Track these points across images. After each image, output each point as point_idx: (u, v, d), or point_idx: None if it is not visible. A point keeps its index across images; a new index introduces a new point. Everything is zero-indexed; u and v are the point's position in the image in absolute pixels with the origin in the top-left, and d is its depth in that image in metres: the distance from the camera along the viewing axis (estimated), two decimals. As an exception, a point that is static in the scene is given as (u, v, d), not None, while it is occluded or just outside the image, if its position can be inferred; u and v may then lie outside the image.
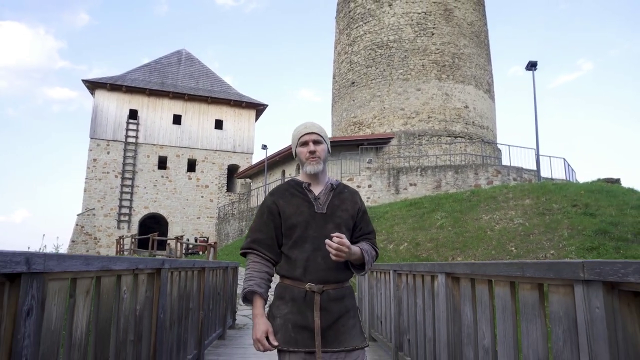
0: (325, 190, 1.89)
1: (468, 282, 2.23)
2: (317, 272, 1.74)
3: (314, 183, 1.90)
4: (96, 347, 1.86)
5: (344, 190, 1.94)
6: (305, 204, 1.84)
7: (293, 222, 1.81)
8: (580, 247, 8.41)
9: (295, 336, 1.70)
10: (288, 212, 1.83)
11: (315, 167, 1.86)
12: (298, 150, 1.91)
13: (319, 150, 1.87)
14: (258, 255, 1.82)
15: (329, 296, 1.74)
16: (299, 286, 1.75)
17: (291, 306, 1.74)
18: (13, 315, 1.29)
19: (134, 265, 2.20)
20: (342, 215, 1.84)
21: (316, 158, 1.86)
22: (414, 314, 3.30)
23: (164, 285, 2.71)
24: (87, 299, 1.76)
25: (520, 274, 1.57)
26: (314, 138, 1.88)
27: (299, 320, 1.71)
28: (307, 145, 1.88)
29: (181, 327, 3.36)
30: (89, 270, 1.69)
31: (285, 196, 1.87)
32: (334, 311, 1.74)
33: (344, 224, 1.83)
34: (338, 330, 1.73)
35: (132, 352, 2.34)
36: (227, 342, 5.24)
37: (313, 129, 1.90)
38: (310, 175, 1.89)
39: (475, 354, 2.08)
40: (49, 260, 1.39)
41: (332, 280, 1.76)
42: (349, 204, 1.88)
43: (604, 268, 1.16)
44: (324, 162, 1.90)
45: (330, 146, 1.97)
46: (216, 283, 5.01)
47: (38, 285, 1.36)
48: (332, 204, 1.85)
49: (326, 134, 1.96)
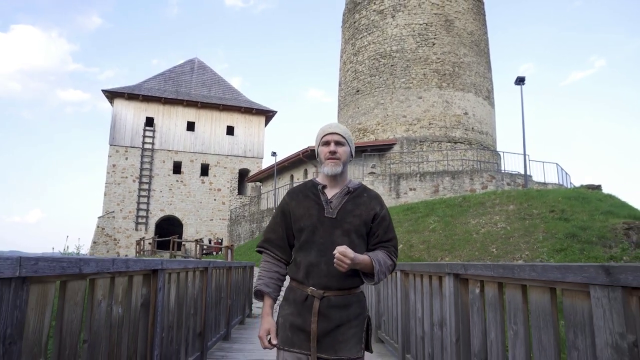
0: (340, 193, 1.83)
1: (419, 278, 3.46)
2: (319, 278, 1.73)
3: (332, 185, 1.86)
4: (179, 311, 3.19)
5: (363, 194, 1.87)
6: (316, 207, 1.80)
7: (301, 225, 1.80)
8: (552, 248, 9.57)
9: (292, 336, 1.73)
10: (298, 214, 1.82)
11: (333, 169, 1.81)
12: (319, 150, 1.88)
13: (340, 151, 1.83)
14: (269, 255, 1.87)
15: (330, 303, 1.72)
16: (302, 289, 1.76)
17: (293, 307, 1.77)
18: (155, 290, 2.60)
19: (195, 265, 3.52)
20: (352, 221, 1.77)
21: (335, 159, 1.82)
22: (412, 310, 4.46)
23: (209, 279, 4.03)
24: (175, 286, 3.08)
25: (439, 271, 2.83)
26: (337, 139, 1.84)
27: (297, 322, 1.73)
28: (328, 145, 1.83)
29: (217, 310, 4.68)
30: (174, 268, 3.01)
31: (298, 197, 1.86)
32: (334, 318, 1.71)
33: (353, 230, 1.77)
34: (336, 339, 1.71)
35: (192, 321, 3.66)
36: (246, 327, 6.56)
37: (337, 129, 1.87)
38: (328, 176, 1.84)
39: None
40: (166, 264, 2.72)
41: (335, 287, 1.73)
42: (363, 209, 1.81)
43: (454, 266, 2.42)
44: (344, 164, 1.85)
45: (354, 150, 1.95)
46: (237, 279, 6.33)
47: (164, 276, 2.68)
48: (344, 208, 1.80)
49: (351, 137, 1.91)
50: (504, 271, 2.04)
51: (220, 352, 4.61)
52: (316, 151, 1.92)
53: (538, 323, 1.78)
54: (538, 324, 1.78)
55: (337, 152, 1.82)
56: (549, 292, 1.73)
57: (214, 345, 4.61)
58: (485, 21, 28.13)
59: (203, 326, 3.94)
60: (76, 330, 1.73)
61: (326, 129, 1.87)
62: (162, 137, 30.49)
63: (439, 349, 3.03)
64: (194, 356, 3.66)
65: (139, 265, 2.27)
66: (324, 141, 1.86)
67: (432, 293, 3.22)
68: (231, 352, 4.68)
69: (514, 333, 1.99)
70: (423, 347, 3.46)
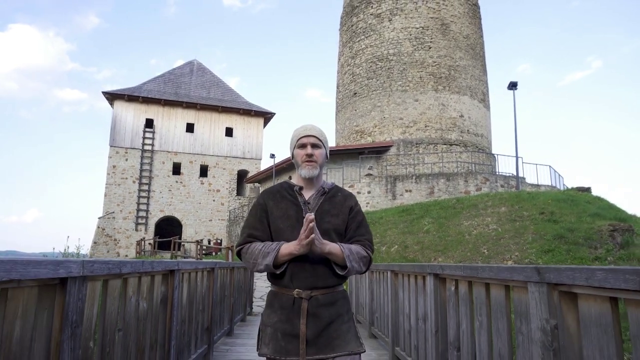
0: (317, 194, 1.85)
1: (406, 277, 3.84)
2: (305, 279, 1.72)
3: (307, 187, 1.87)
4: (190, 308, 3.56)
5: (337, 194, 1.88)
6: (294, 208, 1.80)
7: (279, 226, 1.78)
8: (540, 250, 9.96)
9: (286, 345, 1.69)
10: (275, 214, 1.81)
11: (310, 172, 1.82)
12: (295, 152, 1.87)
13: (317, 154, 1.83)
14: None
15: (318, 302, 1.72)
16: (287, 293, 1.73)
17: (280, 314, 1.73)
18: (172, 288, 2.97)
19: (204, 265, 3.88)
20: (331, 220, 1.79)
21: (312, 162, 1.82)
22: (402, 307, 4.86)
23: (216, 278, 4.39)
24: (187, 285, 3.45)
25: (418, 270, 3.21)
26: (312, 141, 1.84)
27: (288, 329, 1.70)
28: (304, 148, 1.83)
29: (222, 307, 5.05)
30: (187, 268, 3.37)
31: (275, 198, 1.85)
32: (324, 317, 1.71)
33: (333, 229, 1.78)
34: (330, 336, 1.70)
35: (201, 317, 4.02)
36: (247, 324, 6.92)
37: (313, 132, 1.85)
38: (304, 179, 1.85)
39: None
40: (181, 265, 3.08)
41: (321, 285, 1.73)
42: (339, 208, 1.83)
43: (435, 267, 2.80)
44: (321, 167, 1.85)
45: (329, 152, 1.95)
46: (239, 279, 6.70)
47: (179, 276, 3.05)
48: (321, 208, 1.81)
49: (326, 138, 1.91)
50: (471, 271, 2.42)
51: (224, 346, 4.98)
52: (291, 153, 1.91)
53: (496, 314, 2.16)
54: (496, 315, 2.16)
55: (314, 154, 1.82)
56: (504, 289, 2.11)
57: (219, 339, 4.98)
58: (481, 25, 28.55)
59: (210, 322, 4.30)
60: (114, 320, 2.10)
61: (301, 132, 1.86)
62: (161, 139, 30.82)
63: (422, 341, 3.40)
64: (202, 349, 4.03)
65: (161, 266, 2.63)
66: (300, 144, 1.85)
67: (417, 291, 3.57)
68: (234, 346, 5.05)
69: (479, 323, 2.37)
70: (410, 340, 3.82)
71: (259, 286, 11.34)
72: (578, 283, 1.44)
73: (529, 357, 1.77)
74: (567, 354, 1.55)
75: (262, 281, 12.16)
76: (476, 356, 2.40)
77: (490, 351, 2.24)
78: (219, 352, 4.68)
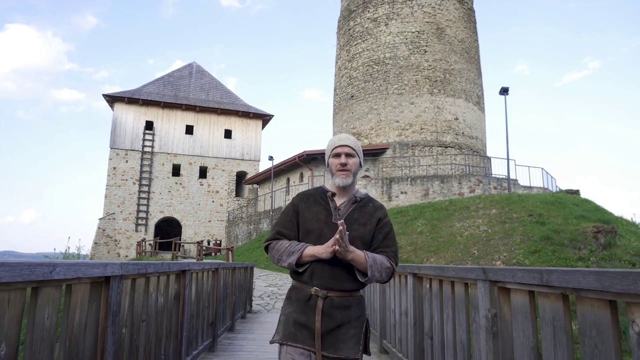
0: (348, 202, 1.93)
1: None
2: (324, 279, 1.81)
3: (340, 194, 1.95)
4: (197, 304, 3.98)
5: (368, 204, 1.97)
6: (324, 212, 1.90)
7: (309, 228, 1.88)
8: (527, 250, 10.40)
9: (296, 332, 1.80)
10: (306, 216, 1.91)
11: (344, 180, 1.91)
12: (330, 161, 1.96)
13: (351, 163, 1.92)
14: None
15: (333, 303, 1.80)
16: (306, 289, 1.84)
17: (295, 306, 1.85)
18: (183, 286, 3.39)
19: (210, 266, 4.31)
20: (358, 229, 1.87)
21: (346, 171, 1.91)
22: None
23: (219, 278, 4.82)
24: (195, 283, 3.87)
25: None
26: (347, 151, 1.93)
27: (300, 319, 1.81)
28: (339, 157, 1.92)
29: (224, 304, 5.47)
30: (196, 269, 3.80)
31: (308, 201, 1.95)
32: (336, 318, 1.79)
33: (359, 237, 1.85)
34: (337, 338, 1.78)
35: (206, 312, 4.45)
36: (247, 321, 7.34)
37: (347, 142, 1.95)
38: (338, 187, 1.94)
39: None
40: (192, 265, 3.51)
41: (337, 288, 1.81)
42: (368, 218, 1.91)
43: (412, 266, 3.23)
44: (354, 175, 1.95)
45: (363, 160, 2.04)
46: (240, 278, 7.12)
47: (190, 275, 3.47)
48: (350, 216, 1.89)
49: (360, 148, 2.00)
50: (440, 271, 2.86)
51: (227, 340, 5.40)
52: (326, 162, 2.00)
53: (459, 307, 2.59)
54: (459, 307, 2.59)
55: (348, 163, 1.91)
56: (464, 286, 2.54)
57: (222, 334, 5.41)
58: (476, 29, 29.01)
59: (214, 317, 4.72)
60: (140, 312, 2.52)
61: (336, 141, 1.96)
62: (161, 141, 31.21)
63: (404, 333, 3.83)
64: (207, 341, 4.45)
65: (176, 267, 3.06)
66: (334, 153, 1.94)
67: (400, 289, 4.02)
68: (236, 340, 5.47)
69: (447, 316, 2.80)
70: (395, 333, 4.26)
71: (258, 285, 11.75)
72: (508, 280, 1.87)
73: (478, 341, 2.20)
74: (504, 335, 1.99)
75: (261, 281, 12.58)
76: (444, 343, 2.83)
77: (454, 338, 2.67)
78: (222, 345, 5.10)
